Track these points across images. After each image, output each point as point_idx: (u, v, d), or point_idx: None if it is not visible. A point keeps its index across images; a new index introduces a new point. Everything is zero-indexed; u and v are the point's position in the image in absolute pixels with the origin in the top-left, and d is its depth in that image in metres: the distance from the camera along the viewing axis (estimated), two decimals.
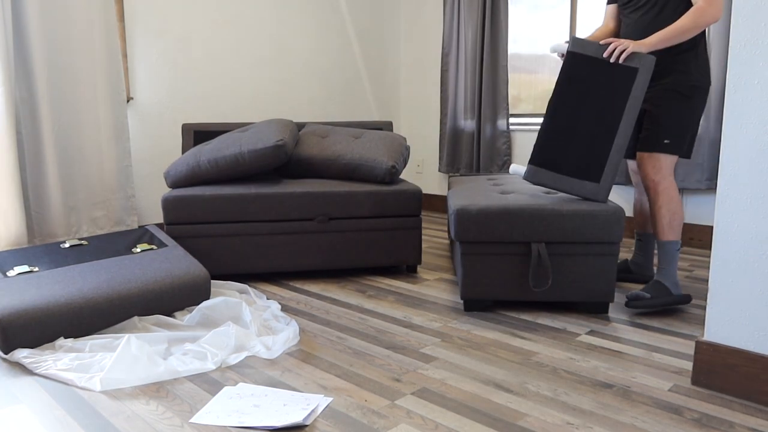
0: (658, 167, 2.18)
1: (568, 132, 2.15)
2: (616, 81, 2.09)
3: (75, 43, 3.05)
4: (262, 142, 2.63)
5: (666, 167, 2.18)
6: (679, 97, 2.16)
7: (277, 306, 2.26)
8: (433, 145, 4.72)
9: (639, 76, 2.06)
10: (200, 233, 2.61)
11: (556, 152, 2.16)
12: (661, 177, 2.18)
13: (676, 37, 2.05)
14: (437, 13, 4.55)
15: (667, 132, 2.17)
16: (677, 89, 2.16)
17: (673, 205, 2.18)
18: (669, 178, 2.18)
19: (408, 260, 2.78)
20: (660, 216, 2.19)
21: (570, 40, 2.17)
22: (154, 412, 1.50)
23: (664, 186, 2.18)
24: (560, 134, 2.16)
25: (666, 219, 2.18)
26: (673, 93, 2.17)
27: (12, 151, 2.80)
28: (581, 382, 1.66)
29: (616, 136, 2.10)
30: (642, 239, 2.51)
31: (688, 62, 2.15)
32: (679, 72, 2.16)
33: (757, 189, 1.49)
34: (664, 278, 2.22)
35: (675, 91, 2.16)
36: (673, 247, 2.20)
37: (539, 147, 2.19)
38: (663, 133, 2.17)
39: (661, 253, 2.22)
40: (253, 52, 3.91)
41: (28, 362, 1.76)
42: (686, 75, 2.15)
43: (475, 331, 2.07)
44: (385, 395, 1.58)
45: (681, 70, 2.16)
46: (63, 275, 2.08)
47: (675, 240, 2.19)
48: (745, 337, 1.54)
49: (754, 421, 1.44)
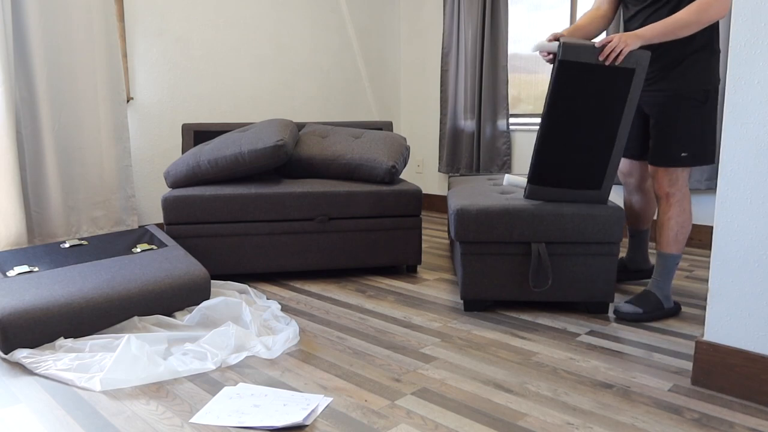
0: (674, 180, 2.07)
1: (565, 146, 2.05)
2: (613, 84, 1.96)
3: (75, 43, 3.05)
4: (262, 142, 2.63)
5: (683, 179, 2.07)
6: (694, 105, 2.01)
7: (277, 306, 2.26)
8: (433, 145, 4.72)
9: (636, 76, 1.95)
10: (200, 233, 2.61)
11: (555, 169, 2.08)
12: (676, 189, 2.07)
13: (676, 31, 1.89)
14: (437, 13, 4.55)
15: (684, 145, 2.03)
16: (691, 96, 2.01)
17: (683, 218, 2.09)
18: (684, 189, 2.08)
19: (408, 260, 2.78)
20: (668, 227, 2.09)
21: (561, 46, 1.94)
22: (154, 412, 1.50)
23: (678, 198, 2.07)
24: (557, 150, 2.06)
25: (674, 231, 2.09)
26: (686, 101, 2.01)
27: (12, 151, 2.80)
28: (581, 382, 1.66)
29: (616, 140, 2.03)
30: (635, 236, 2.47)
31: (701, 62, 1.99)
32: (691, 75, 2.00)
33: (757, 189, 1.49)
34: (657, 290, 2.16)
35: (688, 98, 2.01)
36: (673, 261, 2.13)
37: (537, 167, 2.09)
38: (679, 146, 2.03)
39: (660, 264, 2.15)
40: (252, 52, 3.91)
41: (28, 362, 1.76)
42: (699, 78, 2.00)
43: (475, 331, 2.07)
44: (385, 395, 1.58)
45: (694, 72, 2.00)
46: (63, 275, 2.08)
47: (677, 254, 2.12)
48: (745, 337, 1.54)
49: (754, 421, 1.44)
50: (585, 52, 1.93)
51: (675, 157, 2.05)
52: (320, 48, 4.29)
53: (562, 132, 2.04)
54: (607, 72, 1.95)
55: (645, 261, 2.52)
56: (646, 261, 2.52)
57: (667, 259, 2.13)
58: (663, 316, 2.17)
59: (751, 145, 1.50)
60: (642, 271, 2.54)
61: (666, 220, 2.10)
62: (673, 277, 2.18)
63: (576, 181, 2.11)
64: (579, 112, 2.00)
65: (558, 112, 2.01)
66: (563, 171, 2.09)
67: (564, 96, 1.99)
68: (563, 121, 2.02)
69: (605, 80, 1.96)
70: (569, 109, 2.00)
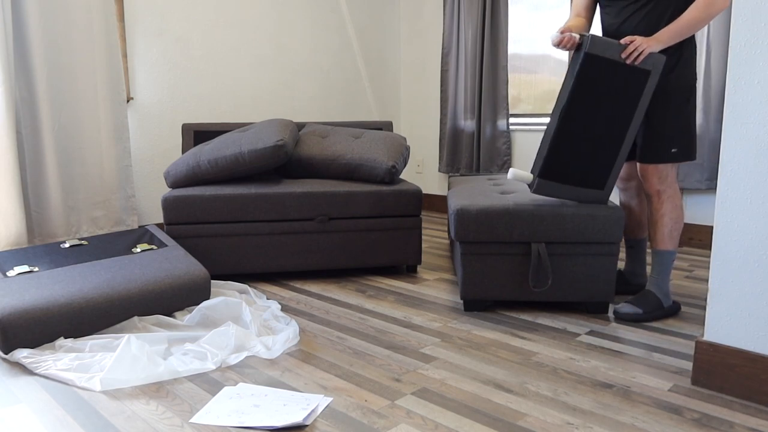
0: (664, 177, 2.10)
1: (577, 141, 2.05)
2: (628, 84, 1.99)
3: (75, 43, 3.05)
4: (262, 142, 2.63)
5: (672, 175, 2.11)
6: (681, 101, 2.06)
7: (277, 306, 2.26)
8: (433, 145, 4.72)
9: (650, 79, 1.97)
10: (200, 233, 2.61)
11: (565, 163, 2.08)
12: (666, 185, 2.10)
13: (690, 29, 1.93)
14: (437, 13, 4.55)
15: (674, 141, 2.07)
16: (678, 93, 2.06)
17: (676, 213, 2.11)
18: (674, 185, 2.11)
19: (408, 260, 2.78)
20: (662, 224, 2.12)
21: (589, 39, 1.96)
22: (154, 412, 1.50)
23: (669, 194, 2.10)
24: (570, 144, 2.06)
25: (667, 228, 2.11)
26: (674, 97, 2.06)
27: (12, 151, 2.80)
28: (581, 382, 1.66)
29: (624, 141, 2.04)
30: (633, 246, 2.41)
31: (687, 59, 2.05)
32: (679, 71, 2.05)
33: (757, 189, 1.49)
34: (656, 288, 2.16)
35: (676, 95, 2.06)
36: (669, 257, 2.14)
37: (549, 159, 2.08)
38: (669, 142, 2.07)
39: (656, 261, 2.16)
40: (252, 52, 3.91)
41: (28, 362, 1.76)
42: (686, 74, 2.05)
43: (475, 331, 2.07)
44: (385, 395, 1.58)
45: (681, 68, 2.05)
46: (63, 275, 2.08)
47: (673, 250, 2.14)
48: (745, 337, 1.54)
49: (754, 421, 1.44)
50: (610, 48, 1.97)
51: (666, 153, 2.08)
52: (320, 48, 4.29)
53: (577, 127, 2.05)
54: (626, 71, 1.98)
55: (644, 276, 2.45)
56: (645, 276, 2.46)
57: (663, 256, 2.14)
58: (663, 316, 2.16)
59: (751, 145, 1.50)
60: (643, 286, 2.45)
61: (659, 217, 2.12)
62: (670, 273, 2.18)
63: (582, 179, 2.11)
64: (595, 108, 2.02)
65: (576, 106, 2.02)
66: (572, 167, 2.09)
67: (584, 90, 2.01)
68: (579, 116, 2.03)
69: (623, 79, 1.99)
70: (586, 104, 2.02)
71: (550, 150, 2.08)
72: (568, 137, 2.06)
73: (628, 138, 2.04)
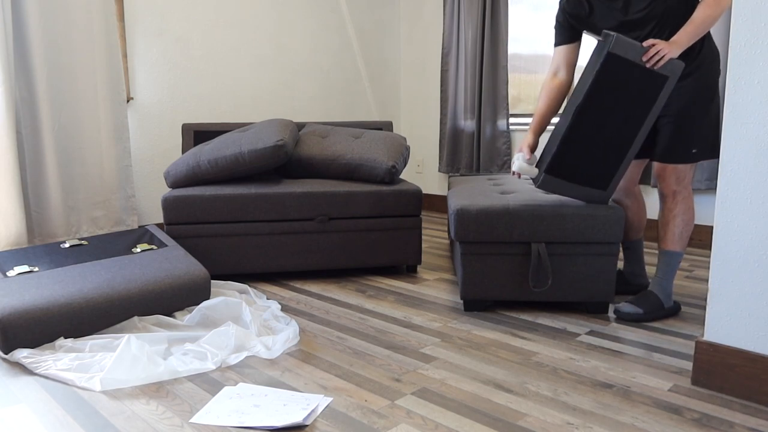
0: (681, 177, 2.07)
1: (588, 140, 2.04)
2: (645, 88, 1.97)
3: (75, 43, 3.05)
4: (262, 142, 2.63)
5: (689, 176, 2.08)
6: (705, 101, 2.02)
7: (277, 306, 2.26)
8: (433, 145, 4.72)
9: (667, 84, 1.96)
10: (200, 233, 2.61)
11: (574, 161, 2.07)
12: (683, 187, 2.08)
13: (705, 27, 1.92)
14: (437, 13, 4.55)
15: (696, 142, 2.04)
16: (702, 93, 2.03)
17: (688, 216, 2.09)
18: (689, 187, 2.09)
19: (408, 260, 2.78)
20: (674, 225, 2.10)
21: (613, 38, 1.93)
22: (154, 412, 1.50)
23: (684, 195, 2.08)
24: (581, 143, 2.05)
25: (679, 229, 2.10)
26: (698, 98, 2.03)
27: (12, 151, 2.80)
28: (581, 382, 1.66)
29: (633, 144, 2.03)
30: (630, 247, 2.40)
31: (705, 56, 2.01)
32: (705, 69, 2.02)
33: (757, 189, 1.49)
34: (659, 289, 2.15)
35: (699, 95, 2.03)
36: (677, 258, 2.12)
37: (558, 155, 2.06)
38: (691, 143, 2.04)
39: (662, 262, 2.14)
40: (253, 52, 3.91)
41: (28, 362, 1.76)
42: (711, 71, 2.02)
43: (475, 331, 2.07)
44: (385, 395, 1.58)
45: (706, 66, 2.02)
46: (63, 275, 2.08)
47: (681, 251, 2.12)
48: (745, 337, 1.54)
49: (754, 421, 1.44)
50: (632, 50, 1.95)
51: (687, 154, 2.05)
52: (320, 48, 4.29)
53: (590, 126, 2.04)
54: (645, 74, 1.97)
55: (644, 276, 2.45)
56: (645, 276, 2.45)
57: (671, 257, 2.13)
58: (663, 316, 2.16)
59: (751, 145, 1.50)
60: (644, 286, 2.44)
61: (672, 217, 2.10)
62: (675, 274, 2.17)
63: (588, 178, 2.10)
64: (609, 109, 2.01)
65: (592, 105, 2.01)
66: (580, 166, 2.08)
67: (602, 90, 2.00)
68: (594, 115, 2.02)
69: (641, 82, 1.97)
70: (603, 104, 2.01)
71: (560, 147, 2.06)
72: (580, 135, 2.05)
73: (636, 141, 2.04)
